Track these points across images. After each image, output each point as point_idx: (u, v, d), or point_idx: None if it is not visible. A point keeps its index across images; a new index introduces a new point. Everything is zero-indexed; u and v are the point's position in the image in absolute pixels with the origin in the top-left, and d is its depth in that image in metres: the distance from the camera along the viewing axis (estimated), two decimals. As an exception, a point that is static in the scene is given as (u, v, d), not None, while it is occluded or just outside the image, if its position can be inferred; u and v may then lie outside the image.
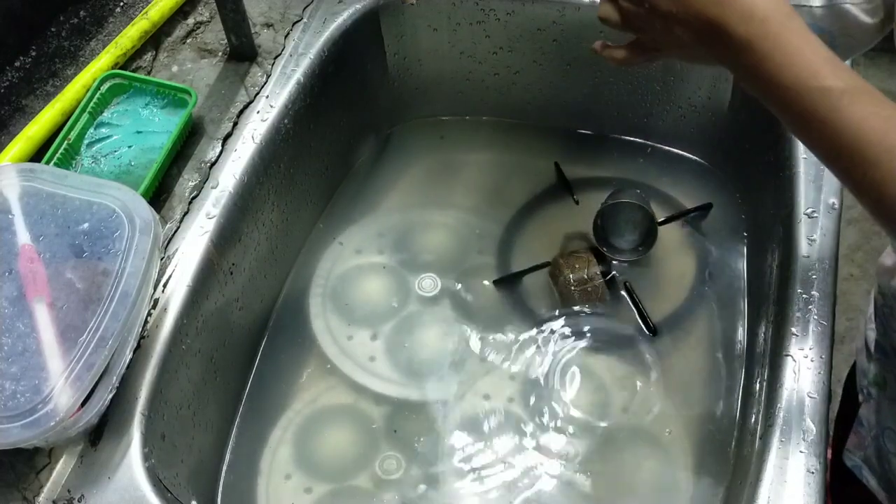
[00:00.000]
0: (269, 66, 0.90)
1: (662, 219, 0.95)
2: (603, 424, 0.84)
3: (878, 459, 0.67)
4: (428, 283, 0.95)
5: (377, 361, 0.89)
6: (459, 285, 0.95)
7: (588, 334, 0.90)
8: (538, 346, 0.90)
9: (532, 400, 0.86)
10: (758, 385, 0.76)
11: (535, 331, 0.91)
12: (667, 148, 1.07)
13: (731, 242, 0.97)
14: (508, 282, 0.95)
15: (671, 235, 0.97)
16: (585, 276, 0.91)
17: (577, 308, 0.92)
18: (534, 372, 0.88)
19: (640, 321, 0.91)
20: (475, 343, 0.90)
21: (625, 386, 0.86)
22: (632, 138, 1.08)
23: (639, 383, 0.87)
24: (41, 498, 0.63)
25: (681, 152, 1.07)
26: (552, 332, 0.91)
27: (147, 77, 0.87)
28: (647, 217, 0.91)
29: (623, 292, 0.93)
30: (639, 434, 0.83)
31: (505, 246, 0.99)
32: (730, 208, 1.00)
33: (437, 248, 0.99)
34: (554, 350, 0.89)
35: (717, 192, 1.02)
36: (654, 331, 0.90)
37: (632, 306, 0.92)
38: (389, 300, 0.94)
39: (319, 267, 0.97)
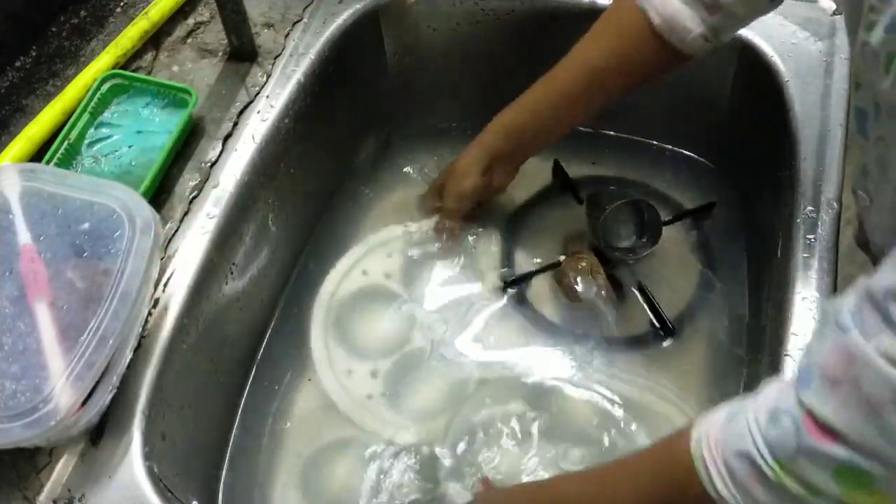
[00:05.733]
0: (270, 66, 0.90)
1: (667, 219, 0.95)
2: (609, 427, 0.83)
3: None
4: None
5: (378, 360, 0.89)
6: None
7: (593, 335, 0.90)
8: (544, 350, 0.89)
9: (539, 403, 0.85)
10: (759, 384, 0.76)
11: (538, 333, 0.91)
12: (667, 147, 1.07)
13: (733, 242, 0.97)
14: (516, 284, 0.94)
15: (674, 235, 0.97)
16: (590, 278, 0.90)
17: (582, 309, 0.91)
18: (539, 375, 0.87)
19: (654, 320, 0.90)
20: (476, 343, 0.90)
21: (630, 385, 0.86)
22: (632, 137, 1.08)
23: (643, 383, 0.86)
24: (42, 497, 0.63)
25: (682, 151, 1.07)
26: (557, 334, 0.90)
27: (147, 77, 0.87)
28: (650, 212, 0.91)
29: (635, 291, 0.92)
30: (644, 434, 0.83)
31: (505, 246, 0.98)
32: (731, 208, 1.00)
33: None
34: (558, 353, 0.89)
35: (719, 192, 1.02)
36: (671, 331, 0.89)
37: (645, 306, 0.91)
38: (390, 301, 0.94)
39: (320, 267, 0.97)
